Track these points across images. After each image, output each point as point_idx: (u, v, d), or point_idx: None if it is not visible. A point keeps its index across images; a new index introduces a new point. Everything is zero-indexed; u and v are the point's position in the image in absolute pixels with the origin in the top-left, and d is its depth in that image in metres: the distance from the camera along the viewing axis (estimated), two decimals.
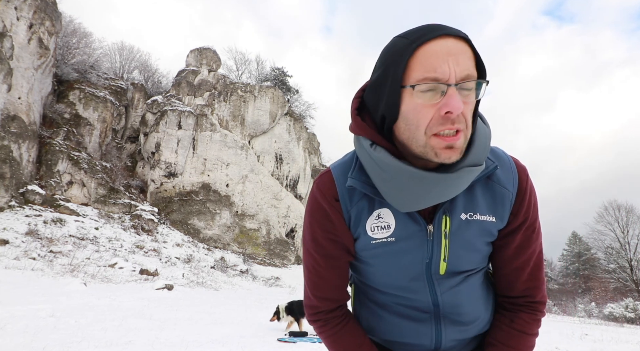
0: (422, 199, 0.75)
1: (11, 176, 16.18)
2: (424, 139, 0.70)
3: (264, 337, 5.67)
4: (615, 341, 8.82)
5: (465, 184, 0.76)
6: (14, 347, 3.73)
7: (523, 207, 0.85)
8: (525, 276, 0.89)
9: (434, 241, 0.83)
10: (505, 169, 0.85)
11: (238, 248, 24.83)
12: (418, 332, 0.91)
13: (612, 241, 29.12)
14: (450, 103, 0.66)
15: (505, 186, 0.84)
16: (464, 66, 0.67)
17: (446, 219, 0.81)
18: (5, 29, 16.40)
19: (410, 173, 0.73)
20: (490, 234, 0.85)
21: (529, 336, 0.91)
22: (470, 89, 0.69)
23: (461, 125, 0.69)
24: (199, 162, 25.91)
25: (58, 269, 11.61)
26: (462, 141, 0.70)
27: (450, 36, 0.67)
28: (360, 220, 0.85)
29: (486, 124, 0.80)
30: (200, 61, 28.94)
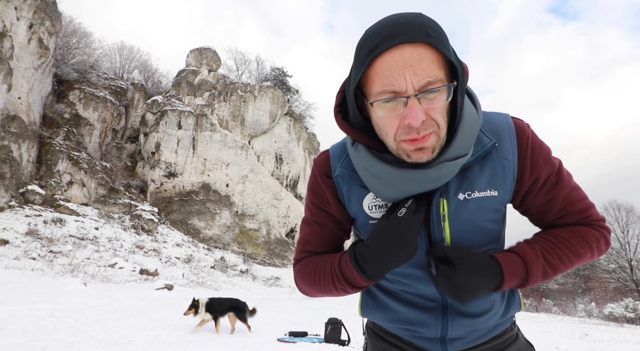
0: (403, 191, 0.78)
1: (11, 176, 16.18)
2: (395, 144, 0.73)
3: (264, 337, 5.67)
4: (615, 341, 8.82)
5: (450, 175, 0.76)
6: (14, 347, 3.73)
7: (529, 170, 0.82)
8: (571, 217, 0.86)
9: (434, 225, 0.82)
10: (504, 138, 0.82)
11: (238, 248, 24.83)
12: (424, 321, 0.90)
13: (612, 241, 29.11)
14: (409, 115, 0.67)
15: (504, 157, 0.81)
16: (422, 75, 0.65)
17: (443, 202, 0.80)
18: (5, 29, 16.40)
19: (389, 170, 0.75)
20: (494, 210, 0.83)
21: (583, 239, 0.83)
22: (436, 93, 0.67)
23: (430, 129, 0.69)
24: (199, 162, 25.91)
25: (58, 269, 11.61)
26: (434, 141, 0.71)
27: (407, 44, 0.65)
28: (351, 197, 0.89)
29: (476, 105, 0.79)
30: (200, 61, 28.94)
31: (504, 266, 0.78)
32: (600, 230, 0.86)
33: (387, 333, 1.00)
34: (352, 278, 0.84)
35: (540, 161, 0.83)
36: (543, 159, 0.83)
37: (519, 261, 0.80)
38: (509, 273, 0.78)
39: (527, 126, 0.84)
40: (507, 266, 0.78)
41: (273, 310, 10.35)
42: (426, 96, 0.67)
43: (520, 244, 0.84)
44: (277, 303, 12.68)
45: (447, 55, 0.67)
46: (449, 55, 0.68)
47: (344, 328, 5.84)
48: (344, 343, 5.65)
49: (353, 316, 9.24)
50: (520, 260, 0.80)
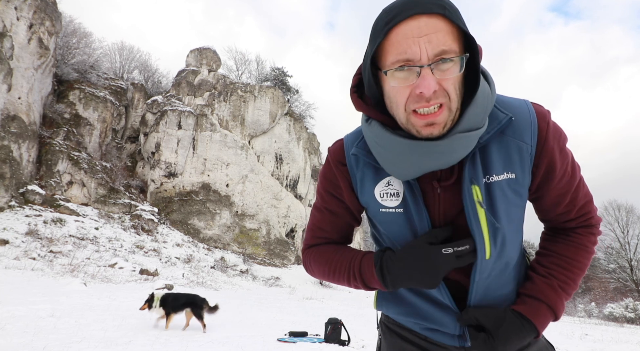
0: (417, 167, 0.77)
1: (11, 176, 16.18)
2: (405, 116, 0.73)
3: (264, 337, 5.67)
4: (615, 341, 8.82)
5: (464, 149, 0.75)
6: (14, 347, 3.73)
7: (547, 156, 0.80)
8: (574, 214, 0.87)
9: (470, 214, 0.78)
10: (522, 119, 0.80)
11: (238, 248, 24.83)
12: (441, 320, 0.88)
13: (612, 241, 29.12)
14: (421, 84, 0.67)
15: (521, 139, 0.79)
16: (437, 44, 0.66)
17: (476, 189, 0.78)
18: (5, 29, 16.40)
19: (401, 143, 0.75)
20: (515, 193, 0.81)
21: (587, 251, 0.88)
22: (449, 64, 0.68)
23: (441, 100, 0.70)
24: (199, 162, 25.91)
25: (58, 269, 11.61)
26: (445, 115, 0.71)
27: (423, 15, 0.66)
28: (364, 185, 0.90)
29: (489, 82, 0.78)
30: (200, 61, 28.94)
31: (536, 322, 0.82)
32: (596, 231, 0.89)
33: (402, 327, 0.99)
34: (370, 280, 0.87)
35: (558, 148, 0.81)
36: (561, 148, 0.82)
37: (545, 309, 0.84)
38: (541, 324, 0.83)
39: (548, 112, 0.82)
40: (539, 319, 0.83)
41: (273, 310, 10.35)
42: (439, 66, 0.68)
43: (542, 286, 0.86)
44: (277, 303, 12.68)
45: (462, 27, 0.69)
46: (464, 27, 0.69)
47: (344, 328, 5.84)
48: (344, 343, 5.65)
49: (353, 316, 9.25)
50: (546, 307, 0.84)
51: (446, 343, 0.90)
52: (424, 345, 0.94)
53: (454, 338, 0.88)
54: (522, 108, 0.81)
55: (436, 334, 0.91)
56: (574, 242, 0.88)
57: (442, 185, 0.82)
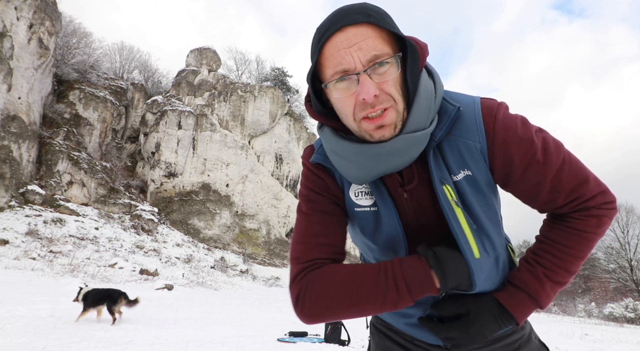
0: (368, 170, 0.78)
1: (11, 176, 16.18)
2: (356, 124, 0.74)
3: (264, 337, 5.67)
4: (615, 341, 8.83)
5: (410, 150, 0.75)
6: (14, 347, 3.73)
7: (501, 150, 0.77)
8: (562, 200, 0.80)
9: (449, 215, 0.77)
10: (467, 117, 0.78)
11: (238, 248, 24.83)
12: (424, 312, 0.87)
13: (612, 241, 29.12)
14: (362, 91, 0.69)
15: (467, 138, 0.78)
16: (368, 49, 0.69)
17: (448, 188, 0.77)
18: (5, 29, 16.40)
19: (349, 147, 0.77)
20: (477, 190, 0.79)
21: (583, 237, 0.80)
22: (385, 67, 0.70)
23: (385, 104, 0.71)
24: (199, 162, 25.90)
25: (58, 269, 11.61)
26: (393, 117, 0.72)
27: (349, 26, 0.69)
28: (344, 183, 0.88)
29: (434, 80, 0.79)
30: (200, 61, 28.94)
31: (514, 311, 0.80)
32: (599, 213, 0.80)
33: (390, 329, 1.00)
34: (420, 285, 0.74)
35: (515, 140, 0.77)
36: (517, 139, 0.77)
37: (526, 298, 0.81)
38: (520, 313, 0.80)
39: (497, 105, 0.79)
40: (518, 308, 0.80)
41: (273, 310, 10.35)
42: (376, 70, 0.70)
43: (522, 271, 0.83)
44: (277, 303, 12.68)
45: (390, 29, 0.70)
46: (391, 29, 0.71)
47: (344, 328, 5.84)
48: (344, 343, 5.65)
49: None
50: (527, 297, 0.81)
51: (431, 342, 0.91)
52: (410, 347, 0.95)
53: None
54: (469, 105, 0.80)
55: (421, 332, 0.91)
56: (570, 228, 0.81)
57: (406, 189, 0.82)
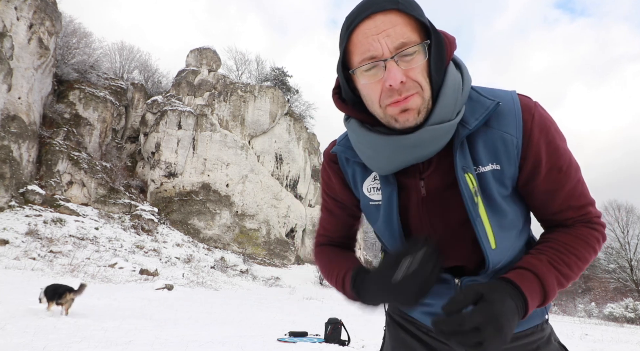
0: (393, 161, 0.79)
1: (11, 176, 16.18)
2: (381, 111, 0.75)
3: (264, 337, 5.67)
4: (615, 341, 8.83)
5: (436, 141, 0.76)
6: (14, 347, 3.73)
7: (534, 149, 0.77)
8: (570, 213, 0.82)
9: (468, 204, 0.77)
10: (506, 110, 0.78)
11: (238, 248, 24.83)
12: (438, 293, 0.85)
13: (612, 241, 29.13)
14: (388, 77, 0.70)
15: (506, 131, 0.77)
16: (396, 36, 0.70)
17: (470, 176, 0.77)
18: (5, 29, 16.40)
19: (375, 138, 0.78)
20: (501, 184, 0.79)
21: (585, 242, 0.80)
22: (412, 54, 0.71)
23: (412, 90, 0.72)
24: (199, 162, 25.90)
25: (58, 269, 11.61)
26: (418, 102, 0.73)
27: (378, 13, 0.70)
28: (356, 181, 0.94)
29: (462, 71, 0.79)
30: (200, 61, 28.94)
31: (524, 289, 0.71)
32: (599, 229, 0.83)
33: (405, 319, 1.00)
34: (352, 297, 0.89)
35: (545, 141, 0.78)
36: (549, 141, 0.78)
37: (532, 276, 0.74)
38: (530, 294, 0.71)
39: (535, 104, 0.80)
40: (524, 283, 0.72)
41: (273, 310, 10.36)
42: (403, 58, 0.71)
43: (527, 258, 0.79)
44: (277, 303, 12.68)
45: (418, 17, 0.71)
46: (419, 17, 0.72)
47: (344, 328, 5.84)
48: (344, 343, 5.65)
49: (353, 316, 9.25)
50: (533, 276, 0.74)
51: None
52: (425, 339, 0.95)
53: None
54: (507, 98, 0.80)
55: None
56: (573, 233, 0.82)
57: (423, 177, 0.83)
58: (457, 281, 0.85)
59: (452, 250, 0.85)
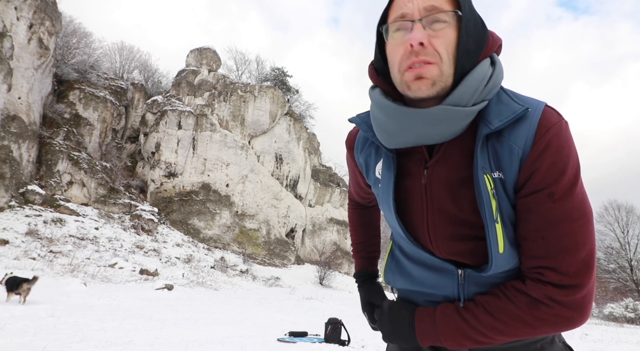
0: (402, 133, 0.79)
1: (11, 176, 16.18)
2: (399, 76, 0.75)
3: (264, 337, 5.67)
4: (615, 341, 8.82)
5: (449, 124, 0.74)
6: (14, 347, 3.73)
7: (534, 164, 0.71)
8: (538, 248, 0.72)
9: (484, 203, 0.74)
10: (523, 121, 0.73)
11: (238, 248, 24.82)
12: (441, 283, 0.86)
13: (612, 241, 29.13)
14: (411, 37, 0.71)
15: (514, 142, 0.73)
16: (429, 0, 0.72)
17: (487, 177, 0.74)
18: (5, 29, 16.39)
19: (389, 106, 0.79)
20: (505, 194, 0.75)
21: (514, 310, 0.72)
22: (443, 22, 0.72)
23: (430, 57, 0.71)
24: (199, 162, 25.90)
25: (58, 269, 11.61)
26: (434, 72, 0.72)
27: None
28: (369, 166, 0.97)
29: (495, 69, 0.78)
30: (200, 61, 28.94)
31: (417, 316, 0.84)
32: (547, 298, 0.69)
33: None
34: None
35: (551, 161, 0.71)
36: (554, 162, 0.71)
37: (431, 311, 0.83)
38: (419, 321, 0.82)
39: (557, 121, 0.73)
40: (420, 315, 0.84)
41: (273, 309, 10.35)
42: (432, 25, 0.72)
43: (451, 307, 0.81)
44: (277, 303, 12.68)
45: None
46: None
47: (344, 328, 5.84)
48: (344, 343, 5.65)
49: (353, 316, 9.25)
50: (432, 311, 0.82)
51: None
52: None
53: None
54: (532, 108, 0.75)
55: None
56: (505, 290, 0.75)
57: (428, 166, 0.83)
58: (460, 272, 0.83)
59: (451, 244, 0.83)
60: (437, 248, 0.85)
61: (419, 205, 0.86)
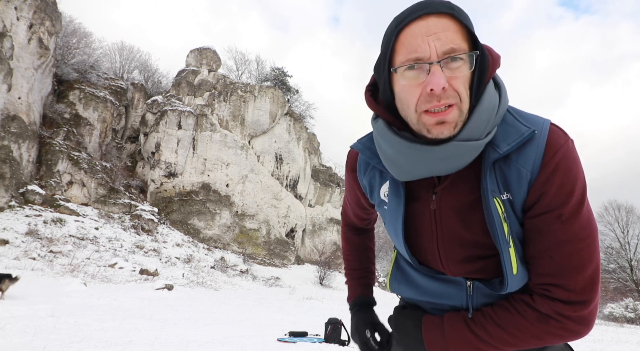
0: (414, 169, 0.78)
1: (11, 176, 16.18)
2: (416, 116, 0.73)
3: (264, 337, 5.67)
4: (615, 341, 8.82)
5: (460, 158, 0.74)
6: (14, 347, 3.73)
7: (543, 187, 0.73)
8: (545, 266, 0.74)
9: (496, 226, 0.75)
10: (530, 144, 0.74)
11: (238, 248, 24.82)
12: (450, 293, 0.88)
13: (612, 241, 29.13)
14: (431, 81, 0.68)
15: (522, 165, 0.74)
16: (445, 41, 0.68)
17: (498, 201, 0.74)
18: (5, 29, 16.39)
19: (399, 143, 0.76)
20: (515, 214, 0.77)
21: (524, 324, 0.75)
22: (458, 63, 0.69)
23: (451, 100, 0.69)
24: (199, 162, 25.90)
25: (58, 269, 11.61)
26: (456, 115, 0.70)
27: (431, 15, 0.69)
28: (374, 188, 0.96)
29: (501, 93, 0.77)
30: (200, 61, 28.93)
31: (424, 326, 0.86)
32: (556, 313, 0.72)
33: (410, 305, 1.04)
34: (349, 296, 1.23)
35: (559, 182, 0.72)
36: (562, 183, 0.72)
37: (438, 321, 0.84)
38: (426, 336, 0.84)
39: (564, 142, 0.74)
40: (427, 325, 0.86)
41: (273, 309, 10.35)
42: (449, 65, 0.69)
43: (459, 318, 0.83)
44: (277, 303, 12.68)
45: (470, 27, 0.70)
46: (470, 26, 0.70)
47: (344, 328, 5.84)
48: (344, 343, 5.65)
49: None
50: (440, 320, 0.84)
51: None
52: None
53: None
54: (538, 129, 0.75)
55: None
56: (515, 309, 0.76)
57: (436, 191, 0.83)
58: (469, 284, 0.85)
59: (463, 266, 0.85)
60: (448, 269, 0.87)
61: (428, 230, 0.86)
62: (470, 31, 0.71)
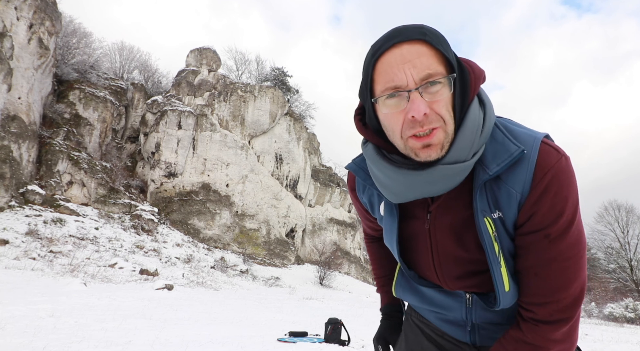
0: (404, 193, 0.79)
1: (11, 176, 16.18)
2: (402, 142, 0.74)
3: (264, 337, 5.67)
4: (615, 341, 8.82)
5: (447, 180, 0.74)
6: (14, 347, 3.73)
7: (533, 207, 0.74)
8: (534, 283, 0.77)
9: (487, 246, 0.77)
10: (521, 164, 0.74)
11: (238, 248, 24.82)
12: (450, 305, 0.92)
13: (612, 241, 29.14)
14: (412, 108, 0.69)
15: (512, 186, 0.74)
16: (422, 68, 0.68)
17: (488, 221, 0.76)
18: (5, 29, 16.39)
19: (387, 168, 0.78)
20: (506, 232, 0.79)
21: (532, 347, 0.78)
22: (437, 86, 0.69)
23: (435, 124, 0.70)
24: (199, 162, 25.90)
25: (58, 269, 11.61)
26: (441, 137, 0.71)
27: (405, 42, 0.69)
28: (374, 204, 0.99)
29: (485, 111, 0.77)
30: (200, 61, 28.93)
31: None
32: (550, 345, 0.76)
33: (423, 322, 1.05)
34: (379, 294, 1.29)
35: (550, 203, 0.72)
36: (553, 204, 0.72)
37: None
38: None
39: (556, 161, 0.73)
40: None
41: (273, 310, 10.35)
42: (428, 89, 0.69)
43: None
44: (277, 303, 12.68)
45: (444, 52, 0.70)
46: (445, 52, 0.70)
47: (344, 328, 5.84)
48: (344, 343, 5.65)
49: (353, 316, 9.26)
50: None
51: (459, 338, 0.94)
52: (440, 341, 0.99)
53: (465, 333, 0.92)
54: (528, 148, 0.74)
55: (451, 327, 0.95)
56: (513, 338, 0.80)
57: (430, 210, 0.85)
58: (468, 296, 0.88)
59: (459, 281, 0.87)
60: (445, 284, 0.89)
61: (423, 247, 0.89)
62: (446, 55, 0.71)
